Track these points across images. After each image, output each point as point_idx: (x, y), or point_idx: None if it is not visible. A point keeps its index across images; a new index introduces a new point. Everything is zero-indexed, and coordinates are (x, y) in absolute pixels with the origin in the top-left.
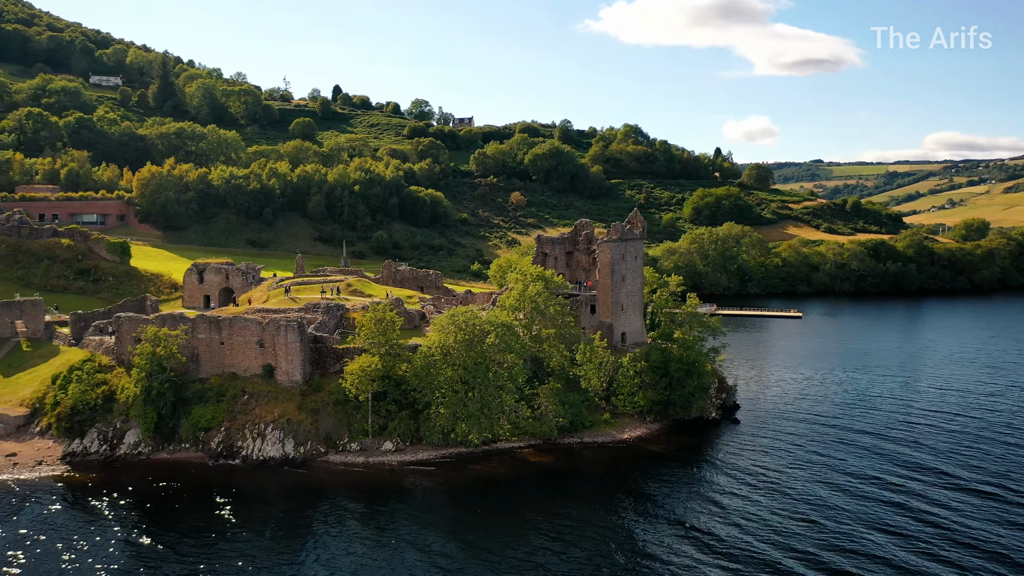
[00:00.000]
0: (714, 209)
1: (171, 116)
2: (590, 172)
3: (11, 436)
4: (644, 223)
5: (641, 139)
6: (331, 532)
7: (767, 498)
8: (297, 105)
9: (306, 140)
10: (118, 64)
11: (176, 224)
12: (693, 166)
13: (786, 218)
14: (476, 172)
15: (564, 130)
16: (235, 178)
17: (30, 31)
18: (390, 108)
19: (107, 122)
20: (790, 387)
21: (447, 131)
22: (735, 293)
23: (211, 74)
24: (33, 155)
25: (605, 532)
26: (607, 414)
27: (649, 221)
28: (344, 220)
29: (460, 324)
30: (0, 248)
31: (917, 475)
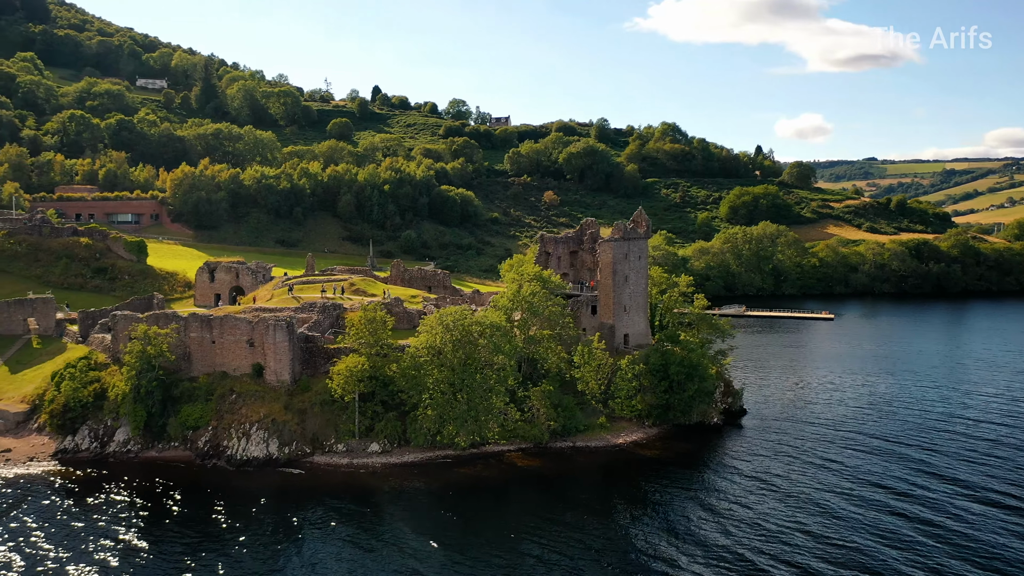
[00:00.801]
0: (751, 208)
1: (213, 117)
2: (625, 171)
3: (10, 432)
4: (649, 222)
5: (679, 137)
6: (306, 534)
7: (758, 506)
8: (336, 106)
9: (342, 140)
10: (164, 67)
11: (207, 223)
12: (732, 164)
13: (826, 217)
14: (510, 171)
15: (600, 129)
16: (266, 178)
17: (81, 36)
18: (427, 108)
19: (147, 124)
20: (806, 391)
21: (482, 130)
22: (769, 294)
23: (253, 76)
24: (75, 156)
25: (588, 538)
26: (603, 418)
27: (684, 220)
28: (373, 219)
29: (448, 325)
30: (22, 247)
31: (924, 484)
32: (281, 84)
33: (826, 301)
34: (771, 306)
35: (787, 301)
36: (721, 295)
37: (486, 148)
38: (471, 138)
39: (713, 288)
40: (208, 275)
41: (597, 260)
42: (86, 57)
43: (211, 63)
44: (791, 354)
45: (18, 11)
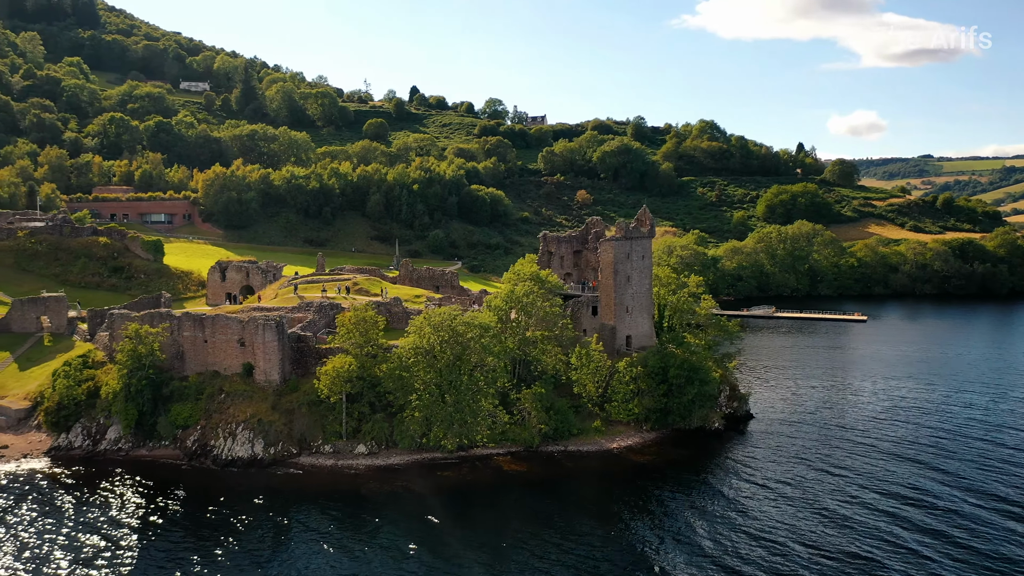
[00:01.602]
0: (789, 207)
1: (252, 119)
2: (660, 169)
3: (11, 429)
4: (653, 221)
5: (717, 135)
6: (279, 535)
7: (748, 514)
8: (373, 106)
9: (377, 141)
10: (207, 70)
11: (237, 223)
12: (771, 162)
13: (868, 216)
14: (544, 170)
15: (637, 127)
16: (296, 178)
17: (128, 41)
18: (464, 108)
19: (184, 125)
20: (820, 395)
21: (517, 130)
22: (804, 294)
23: (294, 78)
24: (115, 158)
25: (568, 543)
26: (598, 422)
27: (719, 219)
28: (402, 219)
29: (435, 325)
30: (43, 246)
31: (933, 492)
32: (320, 85)
33: (864, 302)
34: (805, 307)
35: (822, 302)
36: (754, 296)
37: (520, 147)
38: (505, 137)
39: (745, 288)
40: (220, 274)
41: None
42: (132, 61)
43: (253, 65)
44: (814, 356)
45: (69, 17)
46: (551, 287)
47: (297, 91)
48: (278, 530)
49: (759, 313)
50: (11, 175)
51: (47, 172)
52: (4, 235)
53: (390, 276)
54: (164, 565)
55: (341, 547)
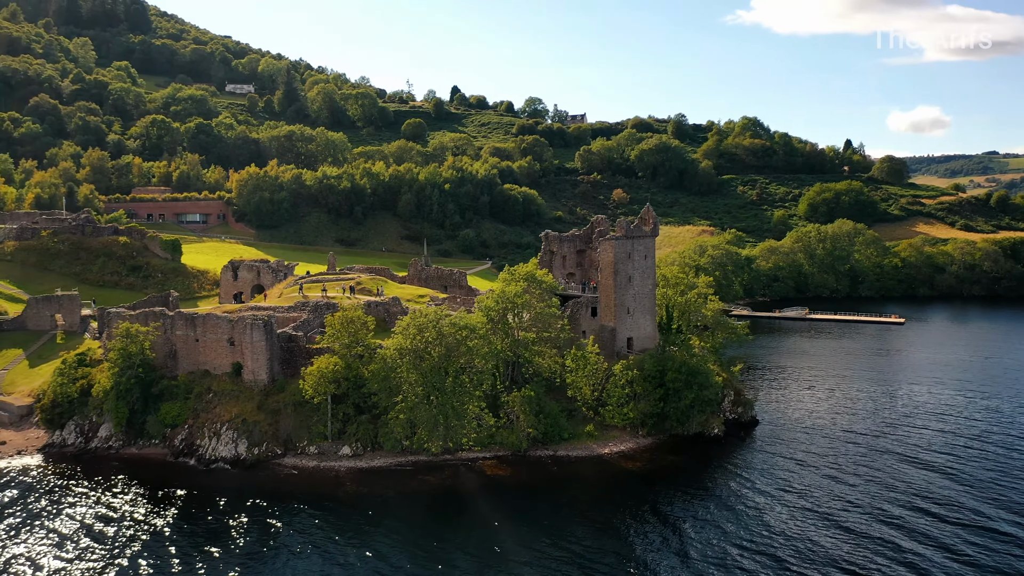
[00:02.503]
0: (832, 205)
1: (294, 120)
2: (699, 167)
3: (13, 425)
4: (656, 219)
5: (761, 132)
6: (242, 538)
7: (734, 526)
8: (413, 107)
9: (415, 140)
10: (252, 72)
11: (269, 223)
12: (816, 160)
13: (916, 215)
14: (581, 169)
15: (678, 125)
16: (327, 178)
17: (176, 45)
18: (503, 107)
19: (224, 127)
20: (837, 401)
21: (556, 129)
22: (844, 296)
23: (337, 79)
24: (156, 159)
25: (537, 551)
26: (590, 426)
27: (759, 218)
28: (433, 218)
29: (420, 326)
30: (65, 245)
31: (935, 509)
32: (362, 86)
33: (906, 304)
34: (843, 309)
35: (863, 304)
36: (791, 296)
37: (559, 147)
38: (543, 136)
39: (781, 289)
40: (232, 273)
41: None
42: (180, 65)
43: (298, 67)
44: (839, 360)
45: (122, 23)
46: (547, 287)
47: (338, 92)
48: (245, 532)
49: (791, 315)
50: (53, 176)
51: (89, 173)
52: (29, 235)
53: (399, 276)
54: (126, 566)
55: (309, 550)
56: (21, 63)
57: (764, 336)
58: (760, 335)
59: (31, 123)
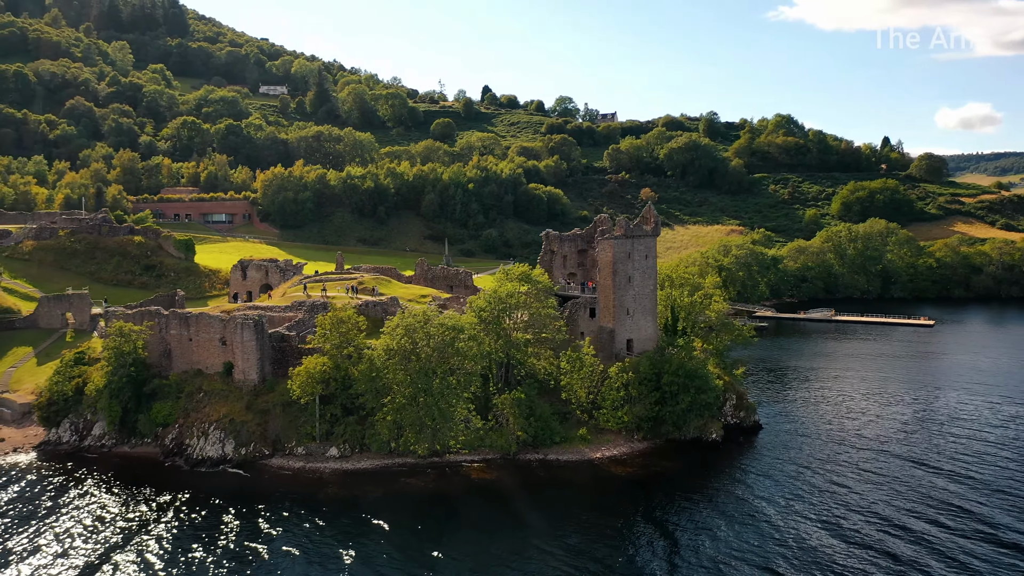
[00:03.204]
0: (866, 204)
1: (325, 120)
2: (730, 166)
3: (15, 422)
4: (657, 219)
5: (795, 130)
6: (209, 539)
7: (718, 535)
8: (443, 107)
9: (444, 140)
10: (285, 74)
11: (292, 223)
12: (851, 158)
13: (955, 214)
14: (609, 168)
15: (709, 123)
16: (351, 178)
17: (213, 48)
18: (533, 106)
19: (254, 128)
20: (849, 405)
21: (585, 127)
22: (875, 297)
23: (369, 80)
24: (186, 160)
25: (514, 558)
26: (583, 430)
27: (790, 218)
28: (456, 218)
29: (407, 327)
30: (81, 245)
31: (940, 518)
32: (394, 86)
33: (940, 306)
34: (873, 311)
35: (894, 305)
36: (819, 297)
37: (587, 145)
38: (572, 135)
39: (810, 290)
40: (241, 272)
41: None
42: (216, 67)
43: (330, 68)
44: (858, 363)
45: (160, 27)
46: (543, 287)
47: (369, 93)
48: (220, 533)
49: (817, 316)
50: (83, 178)
51: (119, 174)
52: (47, 234)
53: (406, 276)
54: (95, 566)
55: (282, 553)
56: (60, 67)
57: (786, 338)
58: (783, 337)
59: (66, 125)
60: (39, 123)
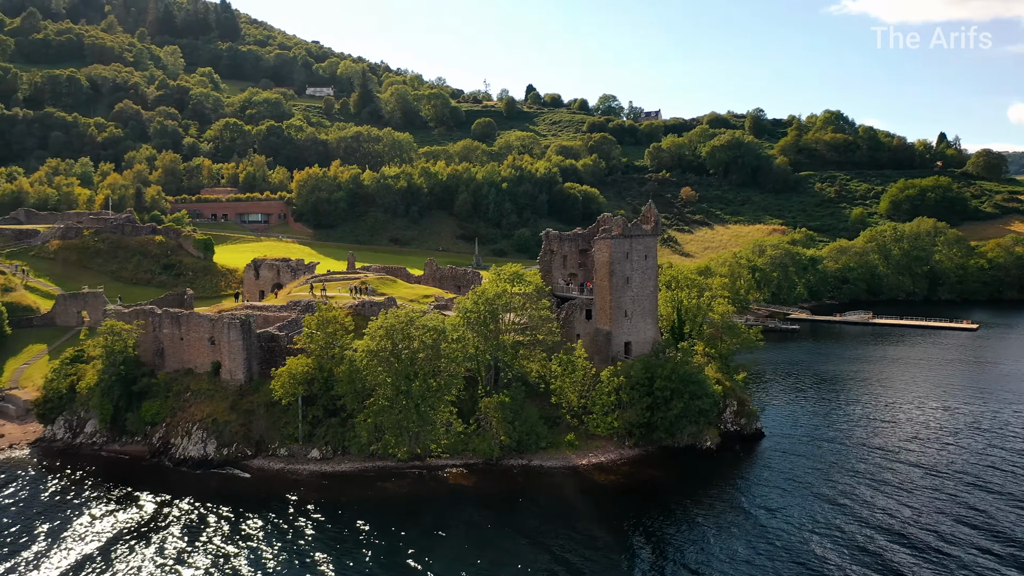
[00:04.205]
0: (916, 202)
1: (368, 121)
2: (774, 164)
3: (19, 419)
4: (658, 218)
5: (845, 126)
6: (177, 542)
7: (695, 548)
8: (486, 106)
9: (485, 140)
10: (331, 76)
11: (325, 223)
12: (903, 154)
13: (1013, 212)
14: (650, 167)
15: (755, 120)
16: (385, 178)
17: (262, 51)
18: (576, 105)
19: (294, 129)
20: (860, 412)
21: (627, 126)
22: (922, 299)
23: (413, 80)
24: (227, 161)
25: (468, 569)
26: (571, 435)
27: (835, 217)
28: (489, 218)
29: (388, 328)
30: (104, 244)
31: (950, 533)
32: (437, 87)
33: (991, 309)
34: (917, 313)
35: (942, 308)
36: (862, 299)
37: (630, 144)
38: (614, 134)
39: (852, 292)
40: (254, 272)
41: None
42: (264, 69)
43: (376, 69)
44: (885, 368)
45: (213, 31)
46: (536, 288)
47: (412, 93)
48: (186, 533)
49: (853, 319)
50: (125, 179)
51: (161, 175)
52: (72, 234)
53: (414, 276)
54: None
55: (241, 557)
56: (111, 71)
57: (818, 341)
58: (814, 340)
59: (114, 128)
60: (88, 126)
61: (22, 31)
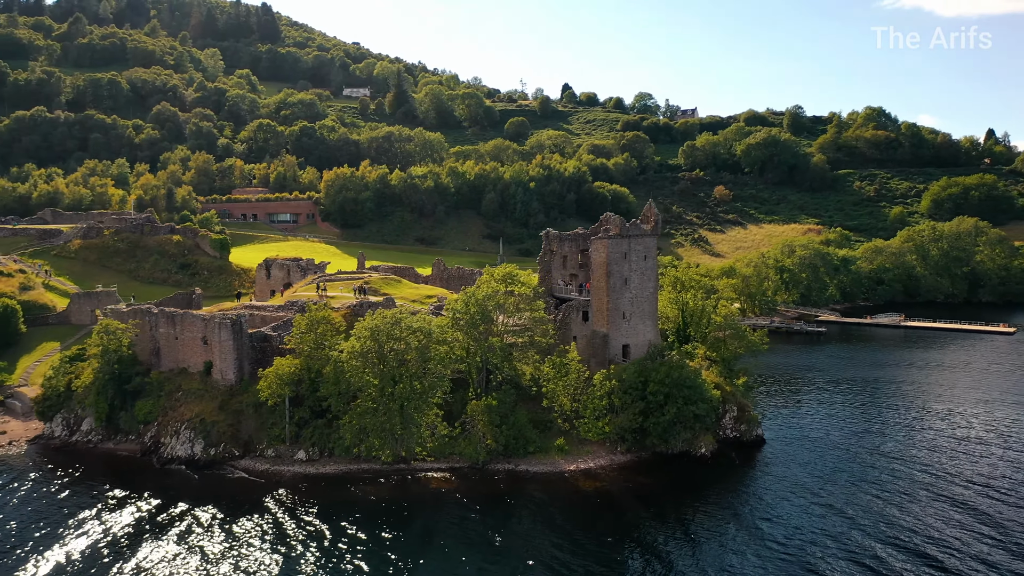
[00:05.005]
0: (959, 201)
1: (403, 121)
2: (811, 162)
3: (24, 415)
4: (659, 217)
5: (887, 123)
6: (143, 543)
7: (669, 564)
8: (520, 105)
9: (517, 139)
10: (368, 76)
11: (352, 222)
12: (948, 151)
13: None
14: (683, 166)
15: (794, 117)
16: (412, 178)
17: (301, 52)
18: (612, 103)
19: (326, 129)
20: (871, 420)
21: (662, 124)
22: (961, 301)
23: (449, 80)
24: (259, 161)
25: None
26: (561, 440)
27: (874, 216)
28: (516, 217)
29: (372, 329)
30: (123, 243)
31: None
32: (473, 86)
33: None
34: (960, 316)
35: (983, 310)
36: (898, 301)
37: (664, 142)
38: (647, 132)
39: (887, 293)
40: (265, 271)
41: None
42: (303, 71)
43: (413, 70)
44: (909, 374)
45: (253, 33)
46: (530, 288)
47: (446, 93)
48: (161, 534)
49: (884, 321)
50: (158, 179)
51: (193, 176)
52: (93, 234)
53: (423, 276)
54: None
55: (208, 560)
56: (151, 74)
57: (844, 345)
58: (841, 344)
59: (151, 129)
60: (126, 128)
61: (68, 36)
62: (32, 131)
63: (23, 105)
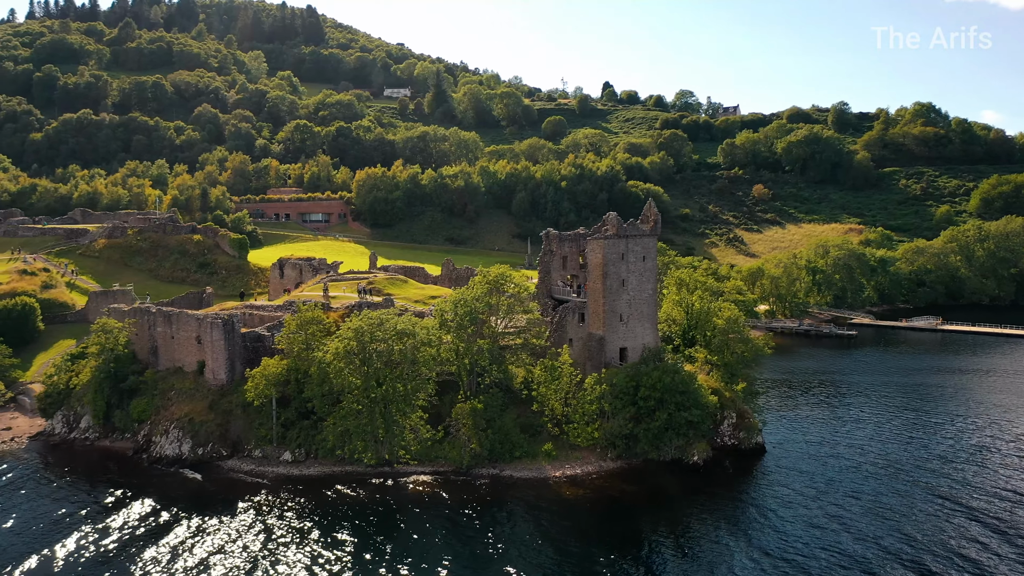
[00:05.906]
0: (1010, 200)
1: (441, 121)
2: (855, 160)
3: (32, 412)
4: (659, 217)
5: (938, 119)
6: (119, 542)
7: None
8: (559, 104)
9: (554, 138)
10: (409, 77)
11: (383, 222)
12: (1001, 148)
13: None
14: (723, 164)
15: (839, 113)
16: (442, 177)
17: (343, 54)
18: (652, 101)
19: (363, 130)
20: (881, 427)
21: (702, 122)
22: (1008, 304)
23: (489, 80)
24: (296, 162)
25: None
26: (548, 444)
27: (920, 215)
28: (546, 217)
29: (356, 330)
30: (146, 243)
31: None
32: (513, 86)
33: None
34: (1008, 320)
35: None
36: (940, 303)
37: (704, 140)
38: (687, 130)
39: (927, 296)
40: (279, 271)
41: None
42: (345, 72)
43: (454, 69)
44: (933, 379)
45: (298, 35)
46: (522, 290)
47: (485, 92)
48: (138, 533)
49: (920, 325)
50: (194, 180)
51: (230, 176)
52: (118, 233)
53: (432, 276)
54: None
55: (167, 559)
56: (195, 77)
57: (874, 349)
58: (872, 348)
59: (191, 131)
60: (168, 129)
61: (118, 40)
62: (78, 133)
63: (72, 108)
